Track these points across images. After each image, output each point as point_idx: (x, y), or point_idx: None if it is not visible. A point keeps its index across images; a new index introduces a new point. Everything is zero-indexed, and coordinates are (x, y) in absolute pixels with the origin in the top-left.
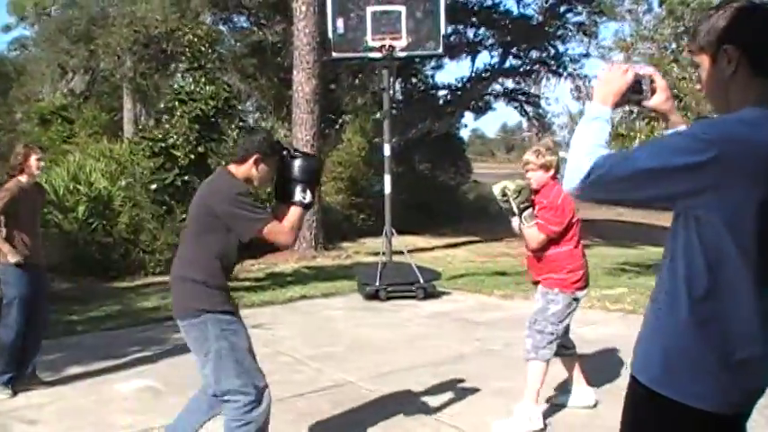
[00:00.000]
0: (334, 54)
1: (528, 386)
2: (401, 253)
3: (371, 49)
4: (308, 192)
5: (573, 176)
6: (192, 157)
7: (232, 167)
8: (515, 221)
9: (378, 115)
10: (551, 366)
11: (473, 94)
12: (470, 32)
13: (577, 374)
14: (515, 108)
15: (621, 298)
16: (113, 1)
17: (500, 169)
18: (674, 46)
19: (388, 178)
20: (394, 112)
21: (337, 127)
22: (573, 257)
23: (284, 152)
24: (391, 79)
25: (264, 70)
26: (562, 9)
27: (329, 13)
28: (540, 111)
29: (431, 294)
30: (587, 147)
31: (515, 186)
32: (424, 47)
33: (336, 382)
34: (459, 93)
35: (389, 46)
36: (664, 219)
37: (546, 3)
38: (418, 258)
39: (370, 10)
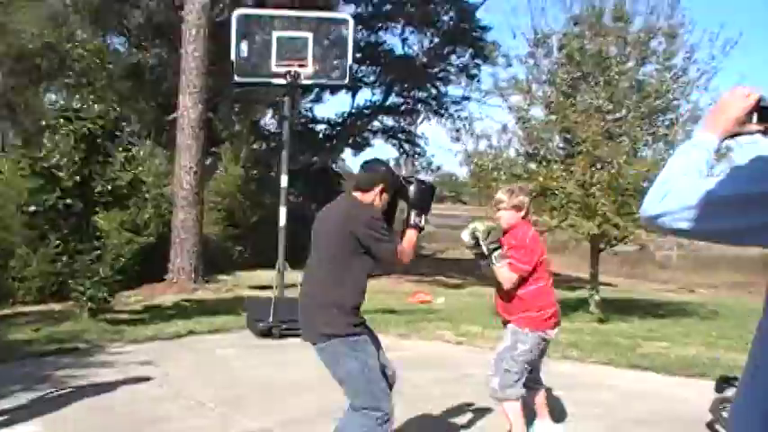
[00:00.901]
0: (236, 78)
1: (513, 424)
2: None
3: (275, 75)
4: (423, 216)
5: (648, 201)
6: (77, 179)
7: (357, 194)
8: (485, 264)
9: (254, 145)
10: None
11: (353, 130)
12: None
13: (542, 409)
14: (393, 146)
15: None
16: None
17: None
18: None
19: (283, 210)
20: (272, 144)
21: (213, 157)
22: (543, 295)
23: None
24: (293, 107)
25: (142, 94)
26: (446, 51)
27: (233, 36)
28: (419, 149)
29: None
30: (671, 174)
31: (485, 228)
32: (329, 76)
33: (248, 430)
34: (339, 128)
35: (294, 72)
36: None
37: (430, 44)
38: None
39: (275, 35)
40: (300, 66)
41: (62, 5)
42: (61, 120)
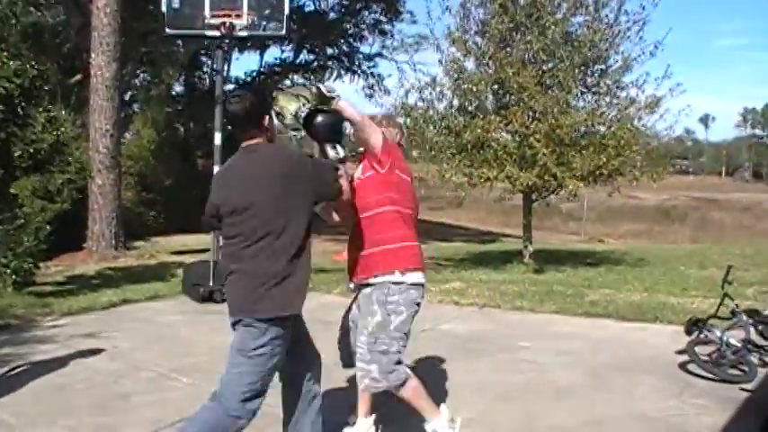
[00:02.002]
0: (168, 30)
1: (421, 409)
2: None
3: (210, 27)
4: (339, 146)
5: None
6: None
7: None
8: None
9: (170, 108)
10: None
11: (264, 88)
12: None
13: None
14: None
15: (464, 292)
16: None
17: None
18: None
19: (217, 170)
20: (179, 107)
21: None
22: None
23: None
24: (226, 60)
25: (42, 56)
26: (357, 6)
27: None
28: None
29: None
30: None
31: None
32: (266, 27)
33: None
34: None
35: (229, 24)
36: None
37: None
38: None
39: None
40: (236, 16)
41: None
42: None
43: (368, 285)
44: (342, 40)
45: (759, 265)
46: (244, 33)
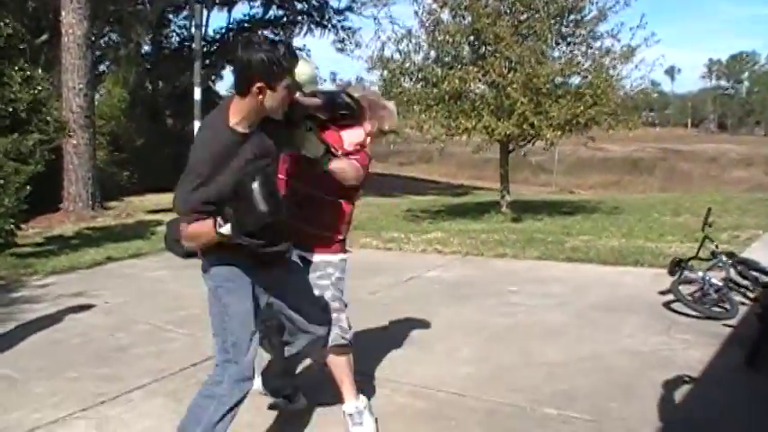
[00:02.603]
0: None
1: (343, 384)
2: None
3: None
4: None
5: None
6: None
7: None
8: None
9: (139, 67)
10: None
11: (233, 46)
12: None
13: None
14: None
15: (446, 241)
16: None
17: None
18: None
19: (197, 125)
20: (148, 66)
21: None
22: None
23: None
24: (204, 14)
25: (4, 15)
26: None
27: None
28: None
29: None
30: None
31: None
32: None
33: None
34: (218, 45)
35: None
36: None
37: None
38: None
39: None
40: None
41: None
42: None
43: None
44: None
45: (729, 211)
46: None
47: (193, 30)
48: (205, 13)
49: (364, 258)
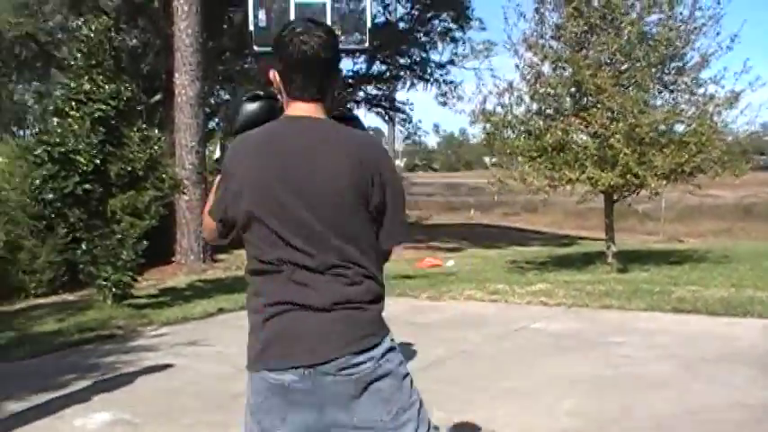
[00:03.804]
0: (255, 48)
1: None
2: None
3: None
4: None
5: None
6: (97, 162)
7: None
8: None
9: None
10: None
11: (338, 101)
12: None
13: None
14: (378, 114)
15: (551, 293)
16: None
17: None
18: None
19: None
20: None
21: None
22: None
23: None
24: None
25: (123, 76)
26: (428, 15)
27: (250, 5)
28: (405, 116)
29: None
30: None
31: None
32: (349, 41)
33: None
34: None
35: None
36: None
37: (412, 9)
38: None
39: (293, 2)
40: None
41: None
42: (72, 103)
43: None
44: (413, 50)
45: None
46: None
47: None
48: None
49: (469, 310)
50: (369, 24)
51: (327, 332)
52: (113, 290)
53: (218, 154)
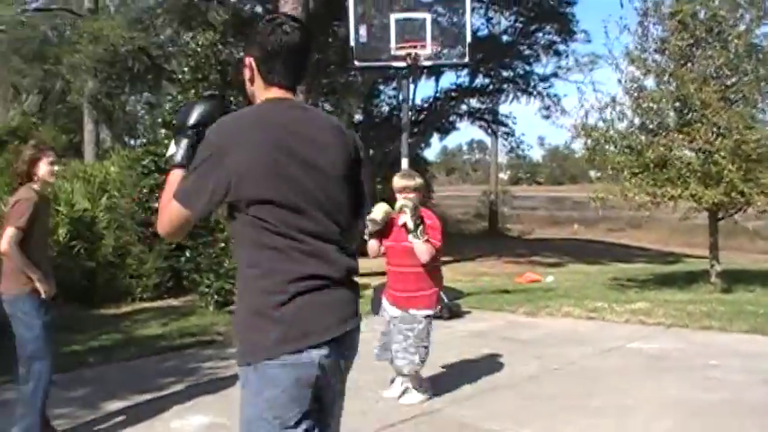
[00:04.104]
0: (356, 63)
1: (422, 385)
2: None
3: (395, 58)
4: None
5: None
6: None
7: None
8: (373, 242)
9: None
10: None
11: (440, 115)
12: None
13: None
14: (481, 128)
15: (650, 312)
16: (69, 20)
17: (442, 192)
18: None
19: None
20: (358, 134)
21: None
22: (440, 274)
23: None
24: (411, 89)
25: (229, 89)
26: (531, 28)
27: (351, 21)
28: (509, 129)
29: (455, 314)
30: None
31: (413, 203)
32: (449, 56)
33: (422, 410)
34: (426, 113)
35: (414, 55)
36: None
37: (515, 22)
38: None
39: (393, 17)
40: (421, 47)
41: (146, 8)
42: None
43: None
44: (517, 63)
45: None
46: (428, 63)
47: (401, 102)
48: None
49: (565, 327)
50: (469, 39)
51: (348, 301)
52: (215, 297)
53: (171, 151)
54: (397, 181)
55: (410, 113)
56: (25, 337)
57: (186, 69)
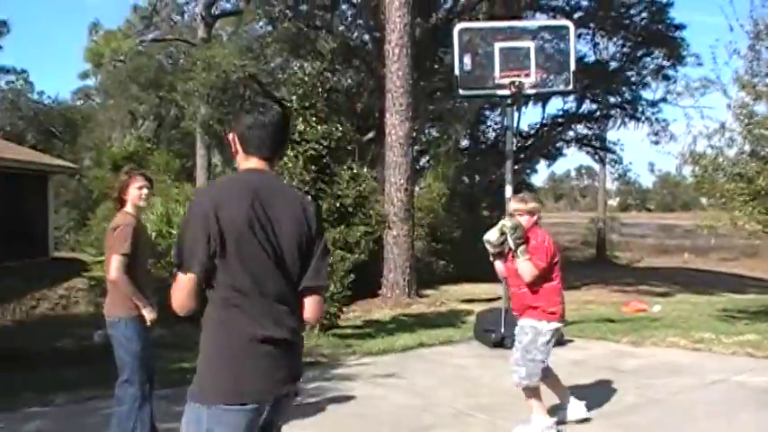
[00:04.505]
0: (460, 91)
1: (534, 406)
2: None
3: (499, 87)
4: None
5: None
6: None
7: None
8: (499, 263)
9: (457, 162)
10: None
11: (548, 141)
12: None
13: (562, 390)
14: (588, 154)
15: (760, 344)
16: (182, 48)
17: (549, 218)
18: None
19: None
20: (464, 160)
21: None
22: (559, 292)
23: None
24: (516, 117)
25: (337, 115)
26: (639, 53)
27: (455, 50)
28: (616, 156)
29: (557, 342)
30: None
31: (512, 224)
32: (553, 84)
33: None
34: (533, 139)
35: (518, 83)
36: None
37: (622, 47)
38: None
39: (498, 46)
40: (525, 75)
41: (257, 37)
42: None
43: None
44: (624, 88)
45: None
46: (532, 91)
47: (505, 129)
48: (516, 113)
49: (669, 358)
50: (573, 66)
51: (292, 359)
52: (321, 320)
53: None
54: (511, 204)
55: (516, 140)
56: (124, 360)
57: (294, 98)
